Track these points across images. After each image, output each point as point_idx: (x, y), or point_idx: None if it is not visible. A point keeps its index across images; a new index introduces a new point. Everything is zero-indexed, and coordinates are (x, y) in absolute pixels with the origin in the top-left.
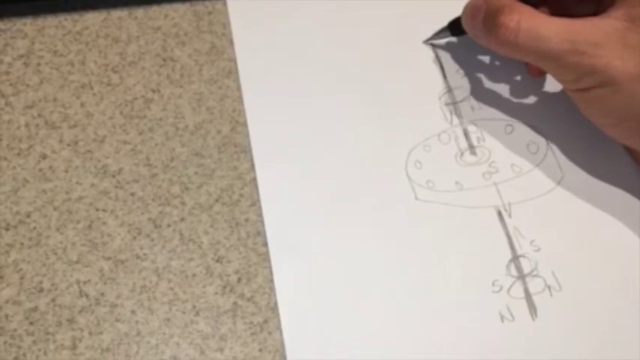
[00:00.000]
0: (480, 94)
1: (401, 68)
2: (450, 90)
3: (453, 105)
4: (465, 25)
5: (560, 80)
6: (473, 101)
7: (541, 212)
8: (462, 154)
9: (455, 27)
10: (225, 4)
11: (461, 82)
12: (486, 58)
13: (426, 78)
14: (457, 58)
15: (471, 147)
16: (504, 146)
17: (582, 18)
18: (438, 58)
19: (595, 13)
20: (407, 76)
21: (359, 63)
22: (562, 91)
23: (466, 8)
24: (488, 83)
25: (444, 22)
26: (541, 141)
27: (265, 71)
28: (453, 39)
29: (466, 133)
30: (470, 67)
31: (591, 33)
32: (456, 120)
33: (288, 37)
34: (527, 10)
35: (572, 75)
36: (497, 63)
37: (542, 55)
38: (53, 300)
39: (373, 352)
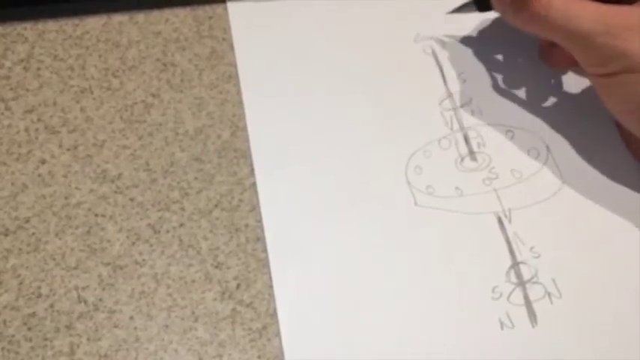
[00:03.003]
0: (480, 99)
1: (401, 73)
2: (450, 95)
3: (454, 110)
4: (494, 2)
5: (585, 63)
6: (473, 106)
7: (541, 218)
8: (462, 159)
9: (481, 1)
10: (225, 8)
11: (461, 88)
12: (487, 64)
13: (426, 83)
14: (458, 63)
15: (472, 152)
16: (505, 152)
17: (615, 4)
18: (438, 63)
19: (629, 3)
20: (407, 81)
21: (359, 68)
22: (563, 97)
23: None
24: (488, 88)
25: (447, 27)
26: (541, 147)
27: (265, 76)
28: (455, 41)
29: (466, 139)
30: (470, 73)
31: (626, 17)
32: (456, 125)
33: (288, 42)
34: None
35: (600, 58)
36: (498, 68)
37: (572, 33)
38: (51, 305)
39: (373, 358)
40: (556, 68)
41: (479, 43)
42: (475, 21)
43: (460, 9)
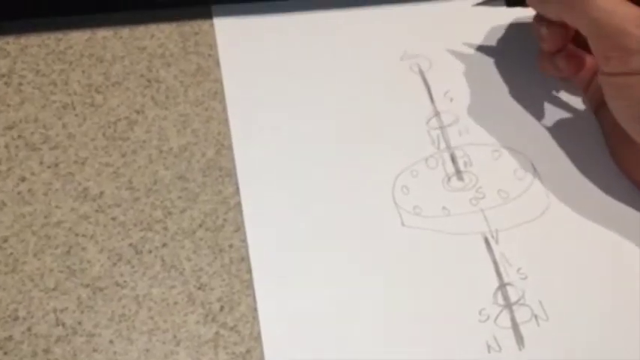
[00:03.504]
0: (467, 118)
1: (388, 91)
2: (437, 114)
3: (441, 129)
4: None
5: (606, 55)
6: (460, 126)
7: (528, 239)
8: (449, 179)
9: None
10: (212, 25)
11: (448, 106)
12: (475, 82)
13: (413, 102)
14: (445, 82)
15: (458, 172)
16: (491, 172)
17: None
18: (425, 82)
19: None
20: (394, 99)
21: (346, 86)
22: (550, 117)
23: None
24: (476, 107)
25: (434, 45)
26: (528, 167)
27: (252, 94)
28: (442, 59)
29: (453, 158)
30: (457, 91)
31: None
32: (443, 144)
33: (275, 60)
34: None
35: (626, 50)
36: (485, 87)
37: (605, 16)
38: (29, 329)
39: None
40: (558, 76)
41: (466, 62)
42: (463, 39)
43: (487, 2)
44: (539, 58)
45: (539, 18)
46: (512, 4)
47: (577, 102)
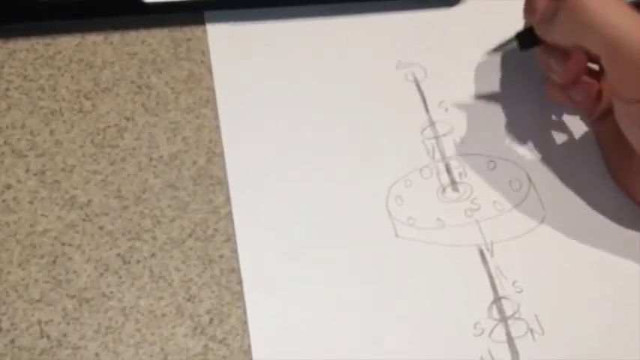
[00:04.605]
0: (462, 128)
1: (382, 101)
2: (432, 124)
3: (435, 139)
4: (526, 10)
5: (622, 83)
6: (455, 136)
7: (523, 252)
8: (443, 189)
9: (523, 38)
10: (204, 31)
11: (443, 117)
12: (470, 92)
13: (407, 111)
14: (440, 91)
15: (453, 183)
16: (486, 183)
17: None
18: (420, 91)
19: None
20: (389, 109)
21: (340, 95)
22: (546, 128)
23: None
24: (471, 118)
25: (429, 54)
26: (523, 178)
27: (244, 101)
28: (437, 68)
29: (448, 169)
30: (452, 101)
31: None
32: (438, 154)
33: (268, 68)
34: None
35: None
36: (480, 97)
37: (618, 43)
38: (12, 341)
39: None
40: (571, 107)
41: (462, 71)
42: (458, 48)
43: (501, 47)
44: (549, 89)
45: (547, 50)
46: (525, 47)
47: (573, 113)
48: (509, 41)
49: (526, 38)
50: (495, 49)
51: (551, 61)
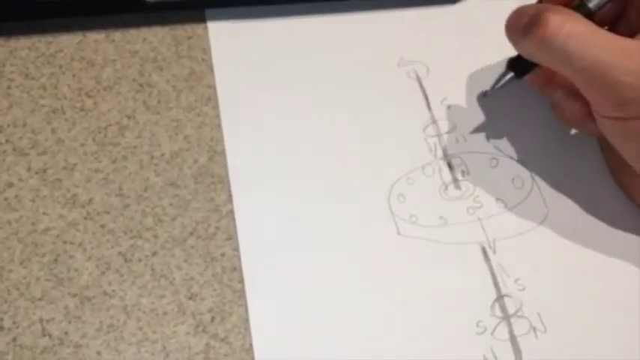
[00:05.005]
0: (464, 126)
1: (384, 98)
2: (434, 121)
3: (438, 137)
4: (507, 27)
5: (598, 103)
6: (458, 133)
7: (526, 250)
8: (446, 187)
9: (516, 66)
10: (205, 28)
11: (446, 114)
12: (472, 90)
13: (410, 108)
14: (442, 89)
15: (456, 180)
16: (489, 180)
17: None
18: (422, 88)
19: None
20: (390, 106)
21: (342, 93)
22: (548, 125)
23: (512, 14)
24: (473, 115)
25: (431, 52)
26: (526, 176)
27: (246, 99)
28: (440, 66)
29: (451, 166)
30: (455, 99)
31: None
32: (440, 152)
33: (269, 65)
34: (576, 15)
35: (619, 99)
36: (482, 96)
37: (589, 67)
38: (14, 340)
39: None
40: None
41: (464, 69)
42: (460, 45)
43: (497, 83)
44: (565, 119)
45: (547, 83)
46: (521, 75)
47: None
48: (503, 74)
49: (519, 64)
50: (491, 89)
51: (556, 95)
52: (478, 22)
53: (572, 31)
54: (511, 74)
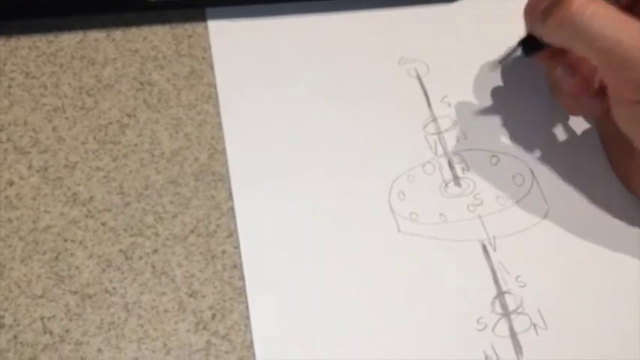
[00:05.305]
0: (465, 124)
1: (385, 96)
2: (434, 119)
3: (438, 135)
4: (527, 8)
5: (617, 86)
6: (458, 131)
7: (526, 247)
8: (446, 185)
9: (527, 44)
10: (206, 27)
11: (446, 112)
12: (472, 88)
13: (410, 106)
14: (442, 87)
15: (456, 178)
16: (489, 178)
17: None
18: (422, 86)
19: None
20: (391, 105)
21: (342, 90)
22: (548, 122)
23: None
24: (473, 113)
25: (431, 50)
26: (526, 173)
27: (246, 97)
28: (440, 64)
29: (451, 164)
30: (455, 96)
31: None
32: (440, 150)
33: (270, 64)
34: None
35: (638, 82)
36: (483, 92)
37: (610, 48)
38: (15, 337)
39: None
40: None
41: (464, 67)
42: (461, 43)
43: (506, 57)
44: (562, 98)
45: (551, 59)
46: (530, 53)
47: None
48: (513, 50)
49: (529, 44)
50: (501, 61)
51: (557, 72)
52: (478, 21)
53: (595, 12)
54: (519, 51)
